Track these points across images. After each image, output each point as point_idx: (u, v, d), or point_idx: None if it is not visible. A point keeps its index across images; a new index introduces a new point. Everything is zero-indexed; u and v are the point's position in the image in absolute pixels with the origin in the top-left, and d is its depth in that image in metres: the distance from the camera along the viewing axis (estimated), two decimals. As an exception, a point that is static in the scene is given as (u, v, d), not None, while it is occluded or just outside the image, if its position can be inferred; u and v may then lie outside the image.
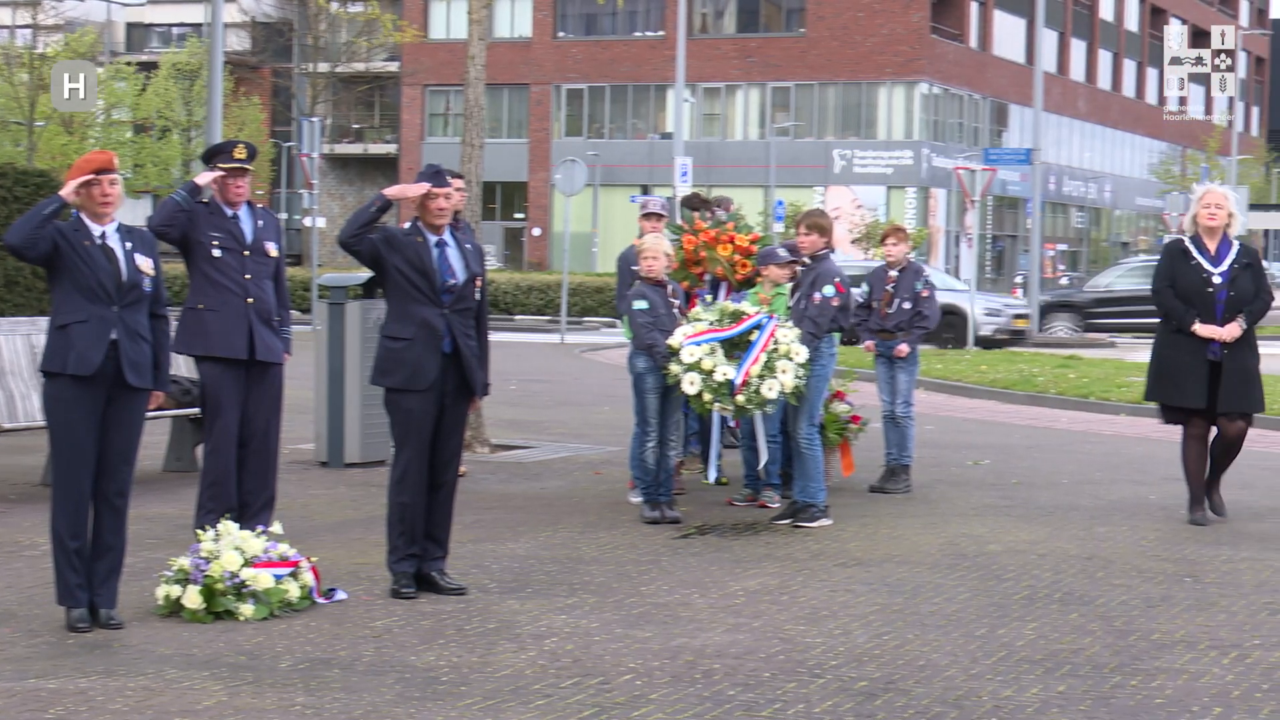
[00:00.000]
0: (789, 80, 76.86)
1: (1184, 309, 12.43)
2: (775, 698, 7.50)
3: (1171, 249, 12.73)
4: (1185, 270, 12.52)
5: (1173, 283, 12.55)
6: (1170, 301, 12.54)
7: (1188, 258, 12.56)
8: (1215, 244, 12.56)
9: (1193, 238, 12.64)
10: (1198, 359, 12.40)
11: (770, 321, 11.98)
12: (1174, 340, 12.53)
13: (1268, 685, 7.87)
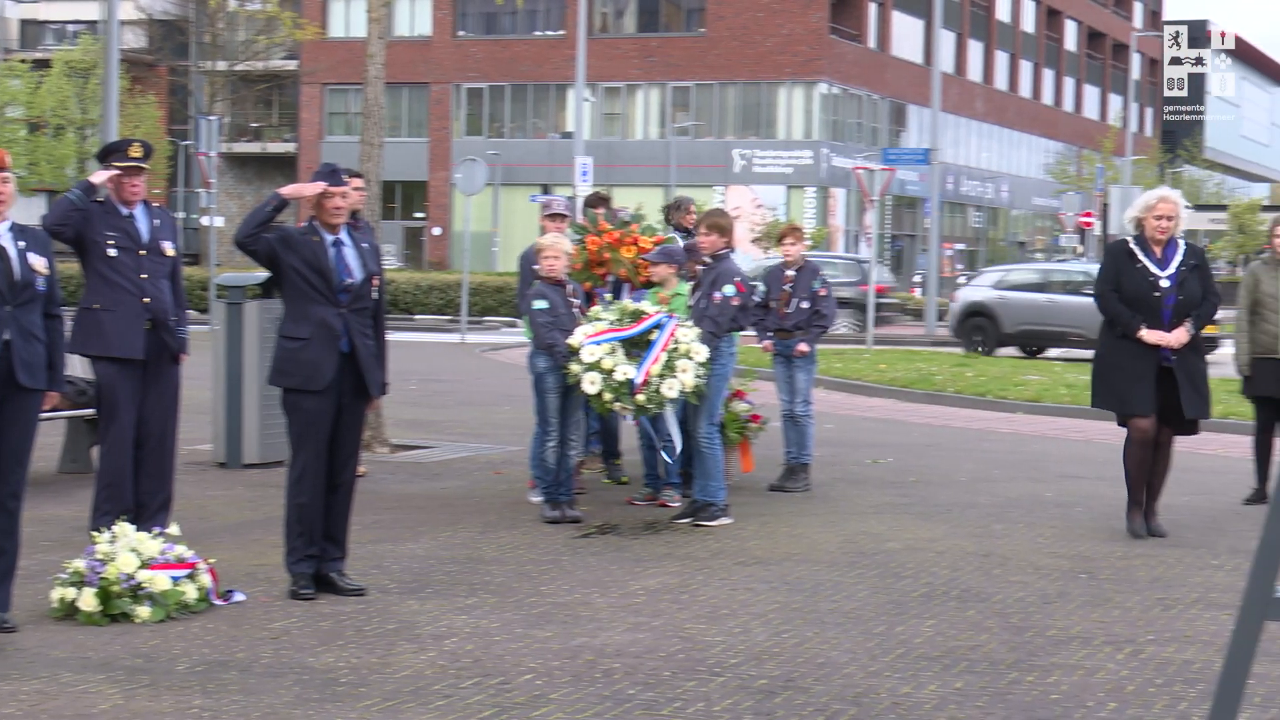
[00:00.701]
0: (689, 80, 76.98)
1: (1129, 314, 11.85)
2: (675, 696, 7.51)
3: (1116, 250, 12.17)
4: (1131, 273, 11.93)
5: (1118, 286, 11.97)
6: (1115, 306, 11.95)
7: (1133, 260, 11.97)
8: (1162, 246, 11.97)
9: (1138, 238, 12.03)
10: (1145, 365, 11.85)
11: (670, 321, 12.00)
12: (1119, 346, 11.96)
13: (1161, 680, 7.95)
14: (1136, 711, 7.38)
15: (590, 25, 69.89)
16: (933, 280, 43.43)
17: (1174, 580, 10.48)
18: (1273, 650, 8.38)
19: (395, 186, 76.63)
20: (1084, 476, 15.53)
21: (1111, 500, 13.93)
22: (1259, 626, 3.82)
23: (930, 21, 60.98)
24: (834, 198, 76.71)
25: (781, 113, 76.79)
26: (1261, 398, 13.69)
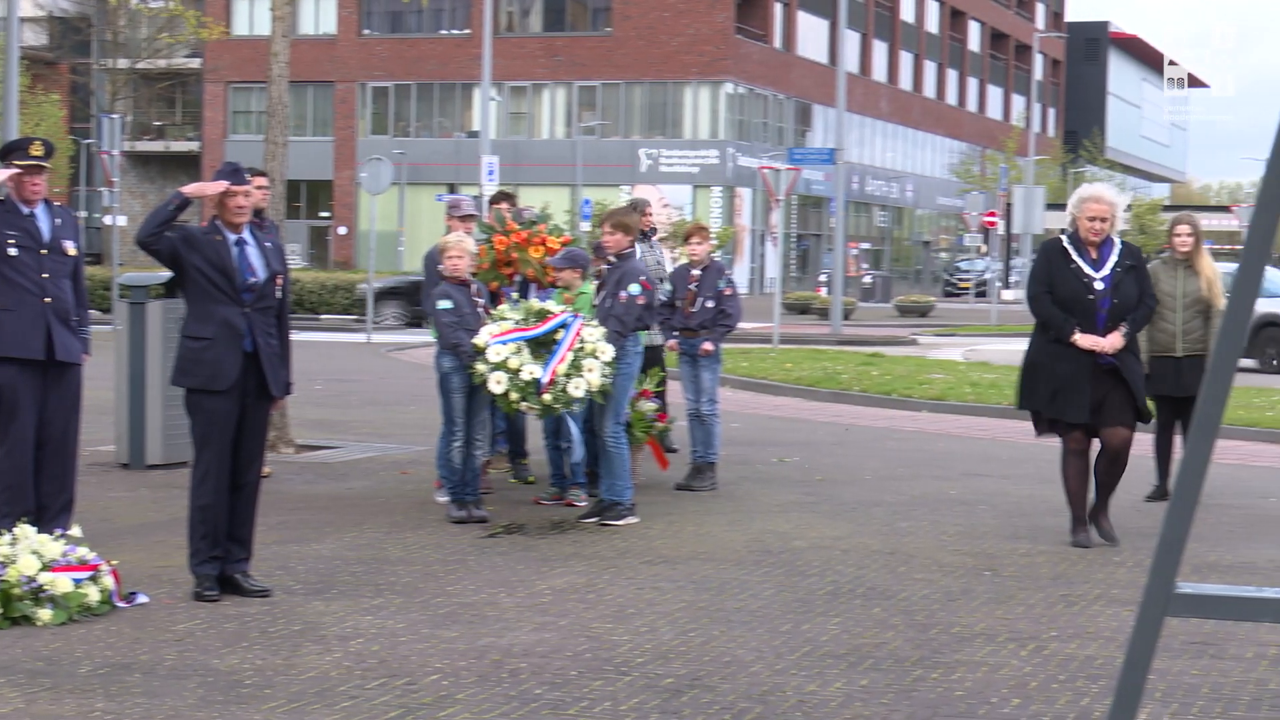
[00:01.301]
0: (595, 79, 77.02)
1: (1063, 318, 11.37)
2: (582, 696, 7.51)
3: (1049, 250, 11.66)
4: (1064, 274, 11.46)
5: (1051, 287, 11.48)
6: (1048, 309, 11.45)
7: (1067, 260, 11.51)
8: (1097, 245, 11.52)
9: (1072, 237, 11.59)
10: (1079, 370, 11.36)
11: (575, 320, 12.00)
12: (1052, 350, 11.46)
13: (1064, 676, 8.01)
14: (1040, 707, 7.43)
15: (496, 24, 69.79)
16: (838, 279, 43.61)
17: (1076, 577, 10.57)
18: (1173, 646, 8.47)
19: (300, 185, 76.27)
20: (988, 474, 15.64)
21: (1015, 498, 14.05)
22: (1159, 622, 3.85)
23: (835, 22, 61.23)
24: (740, 197, 76.96)
25: (687, 112, 76.95)
26: (1161, 396, 13.81)
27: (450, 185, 71.33)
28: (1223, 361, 3.80)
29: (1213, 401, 3.78)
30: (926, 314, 56.37)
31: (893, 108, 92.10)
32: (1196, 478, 3.82)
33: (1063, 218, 43.03)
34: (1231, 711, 7.41)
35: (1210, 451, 3.84)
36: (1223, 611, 3.94)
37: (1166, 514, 3.86)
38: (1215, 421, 3.80)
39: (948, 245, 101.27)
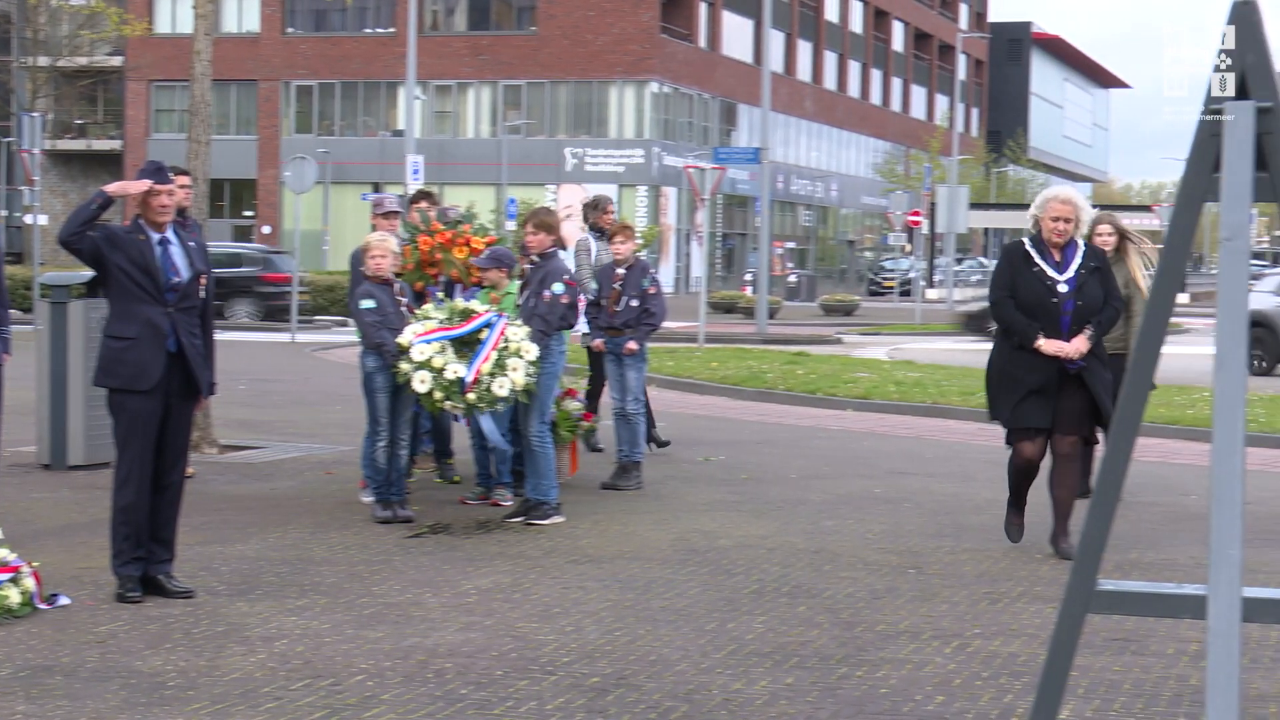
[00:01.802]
0: (520, 78, 76.92)
1: (1026, 323, 11.01)
2: (507, 695, 7.50)
3: (1011, 252, 11.28)
4: (1027, 277, 11.08)
5: (1013, 292, 11.12)
6: (1011, 314, 11.10)
7: (1029, 263, 11.11)
8: (1060, 248, 11.11)
9: (1035, 240, 11.17)
10: (1043, 376, 11.00)
11: (500, 320, 11.99)
12: (1016, 356, 11.11)
13: (987, 673, 8.06)
14: (963, 704, 7.47)
15: (421, 23, 69.63)
16: (763, 278, 43.70)
17: (1000, 575, 10.63)
18: (1095, 643, 8.53)
19: (224, 184, 75.90)
20: (913, 473, 15.70)
21: (940, 496, 14.11)
22: (1081, 619, 3.89)
23: (760, 21, 61.38)
24: (665, 196, 77.01)
25: (613, 112, 76.95)
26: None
27: (375, 184, 71.12)
28: (1142, 360, 3.83)
29: (1132, 400, 3.82)
30: (851, 313, 56.54)
31: (817, 107, 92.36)
32: (1117, 476, 3.85)
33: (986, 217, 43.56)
34: (1153, 708, 7.47)
35: (1130, 450, 3.87)
36: (1144, 608, 3.98)
37: (1087, 512, 3.89)
38: (1135, 420, 3.84)
39: (872, 244, 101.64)
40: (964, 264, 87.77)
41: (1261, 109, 3.66)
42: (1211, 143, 3.71)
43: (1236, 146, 3.64)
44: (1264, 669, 8.19)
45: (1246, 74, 3.66)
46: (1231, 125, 3.64)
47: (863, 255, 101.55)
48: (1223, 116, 3.67)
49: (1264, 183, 3.72)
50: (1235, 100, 3.66)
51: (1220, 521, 3.61)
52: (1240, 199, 3.65)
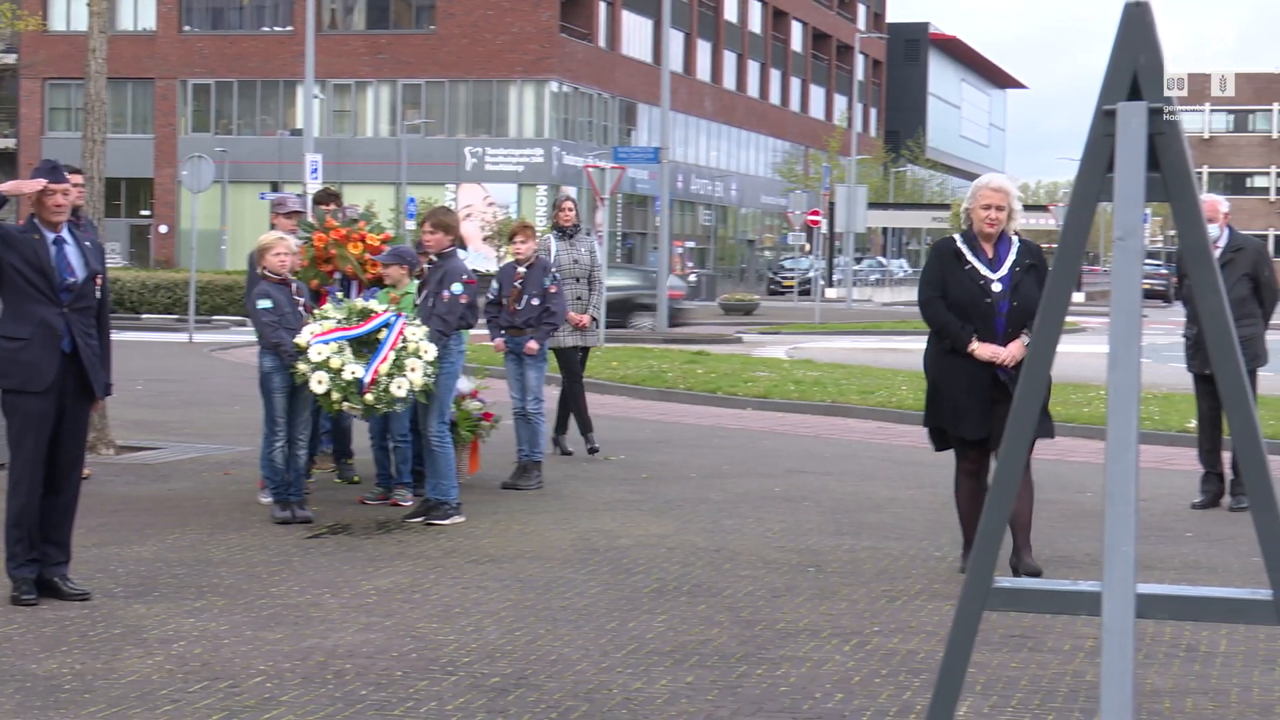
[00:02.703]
0: (420, 78, 76.68)
1: (959, 325, 10.24)
2: (407, 696, 7.48)
3: (941, 250, 10.53)
4: (958, 276, 10.31)
5: (944, 291, 10.36)
6: (942, 316, 10.33)
7: (961, 260, 10.33)
8: (993, 243, 10.33)
9: (967, 236, 10.40)
10: (977, 382, 10.20)
11: (398, 320, 11.95)
12: (948, 361, 10.35)
13: (886, 670, 8.11)
14: (862, 702, 7.51)
15: (319, 22, 69.33)
16: (663, 278, 43.75)
17: (899, 573, 10.69)
18: (993, 639, 8.60)
19: (120, 183, 75.21)
20: (812, 471, 15.77)
21: (839, 494, 14.18)
22: (978, 616, 3.92)
23: (659, 21, 61.40)
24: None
25: (513, 111, 76.84)
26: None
27: (274, 184, 70.74)
28: (1038, 358, 3.87)
29: (1028, 397, 3.85)
30: (751, 312, 56.73)
31: (717, 107, 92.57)
32: (1013, 473, 3.89)
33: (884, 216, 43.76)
34: (1049, 703, 7.54)
35: (1027, 446, 3.90)
36: (1040, 605, 4.01)
37: (984, 510, 3.92)
38: (1031, 417, 3.87)
39: (772, 244, 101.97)
40: (863, 263, 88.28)
41: (1154, 109, 3.70)
42: (1105, 143, 3.74)
43: (1129, 147, 3.68)
44: (1159, 665, 8.28)
45: (1139, 75, 3.70)
46: (1124, 126, 3.68)
47: (762, 255, 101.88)
48: (1116, 117, 3.71)
49: (1156, 183, 3.76)
50: (1128, 101, 3.70)
51: (1114, 518, 3.65)
52: (1133, 199, 3.69)
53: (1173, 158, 3.73)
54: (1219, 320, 3.75)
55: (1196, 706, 7.54)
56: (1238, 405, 3.75)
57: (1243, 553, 11.55)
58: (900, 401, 21.78)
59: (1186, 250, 3.79)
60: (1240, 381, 3.74)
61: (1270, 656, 8.41)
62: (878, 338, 44.85)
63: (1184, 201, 3.75)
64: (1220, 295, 3.76)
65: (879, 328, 49.20)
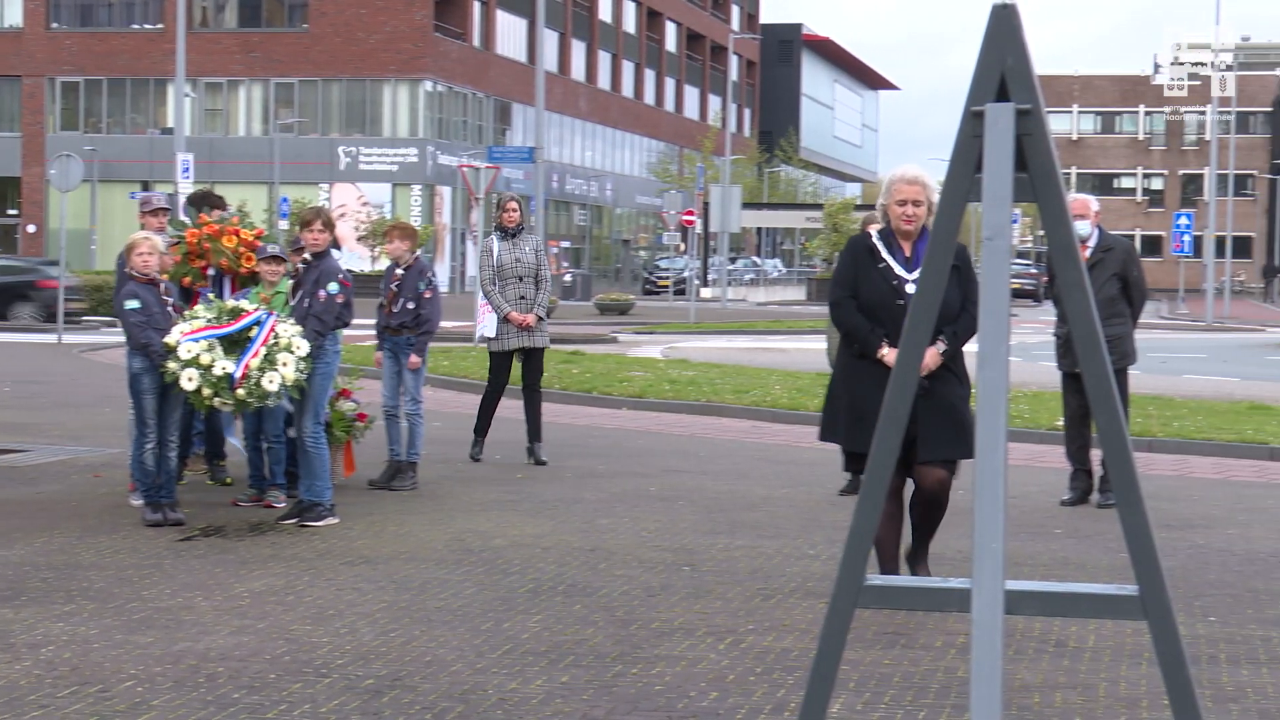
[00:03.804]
0: (293, 76, 76.24)
1: (869, 328, 9.44)
2: (281, 699, 7.43)
3: (855, 246, 9.73)
4: (871, 275, 9.56)
5: (855, 292, 9.61)
6: (851, 318, 9.55)
7: (875, 258, 9.58)
8: (912, 241, 9.57)
9: (883, 233, 9.61)
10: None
11: (270, 318, 11.87)
12: (857, 368, 9.57)
13: (761, 668, 8.14)
14: (737, 700, 7.54)
15: (190, 19, 68.71)
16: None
17: (773, 571, 10.74)
18: (866, 637, 8.66)
19: (-14, 182, 74.23)
20: (687, 470, 15.81)
21: (714, 494, 14.22)
22: (850, 614, 3.94)
23: (534, 21, 61.44)
24: (440, 196, 76.78)
25: (387, 110, 76.57)
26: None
27: (144, 183, 70.03)
28: (908, 356, 3.90)
29: (899, 395, 3.88)
30: (626, 312, 56.79)
31: (591, 107, 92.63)
32: (884, 471, 3.92)
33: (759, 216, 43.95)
34: (921, 699, 7.60)
35: (898, 445, 3.94)
36: (911, 602, 4.04)
37: (856, 508, 3.95)
38: (903, 415, 3.90)
39: (647, 244, 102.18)
40: (737, 263, 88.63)
41: (1021, 111, 3.74)
42: (973, 144, 3.78)
43: (997, 148, 3.72)
44: (1028, 660, 8.37)
45: (1006, 76, 3.74)
46: (992, 127, 3.72)
47: (637, 254, 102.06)
48: (984, 118, 3.75)
49: (1024, 183, 3.80)
50: (996, 102, 3.74)
51: (983, 516, 3.68)
52: (1001, 199, 3.73)
53: (1039, 158, 3.77)
54: (1086, 320, 3.79)
55: (1065, 701, 7.63)
56: (1104, 404, 3.79)
57: (1111, 549, 11.70)
58: (775, 401, 21.88)
59: (1054, 250, 3.84)
60: (1107, 380, 3.79)
61: (1137, 651, 8.53)
62: (752, 337, 45.04)
63: (1051, 201, 3.79)
64: (1087, 295, 3.81)
65: (754, 327, 49.41)
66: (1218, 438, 18.45)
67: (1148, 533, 3.79)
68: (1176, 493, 14.83)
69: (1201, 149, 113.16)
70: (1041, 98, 3.79)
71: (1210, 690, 7.81)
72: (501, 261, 15.89)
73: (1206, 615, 9.55)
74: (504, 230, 16.09)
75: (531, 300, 16.01)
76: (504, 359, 16.13)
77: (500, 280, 15.87)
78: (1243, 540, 12.31)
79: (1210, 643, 8.85)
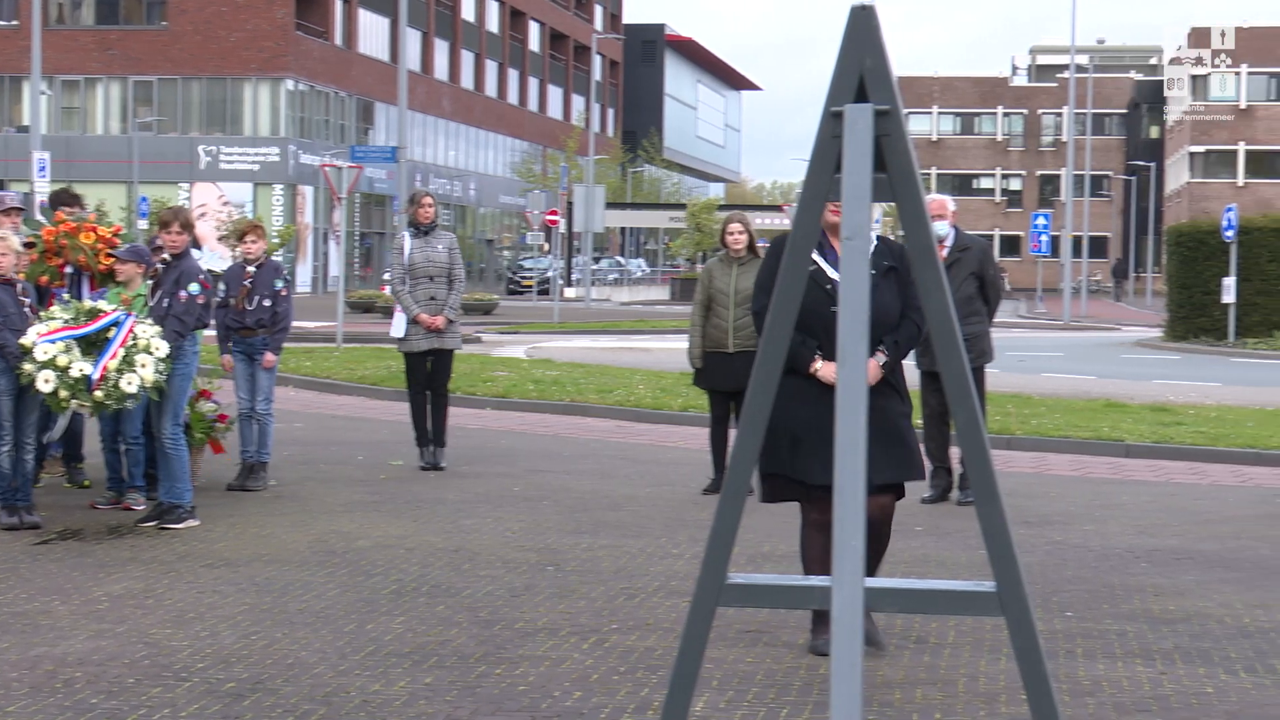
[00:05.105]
0: (151, 74, 75.48)
1: (798, 340, 8.14)
2: (140, 704, 7.35)
3: (782, 247, 8.14)
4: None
5: None
6: None
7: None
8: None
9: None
10: (820, 412, 7.96)
11: (128, 319, 11.74)
12: (787, 386, 7.27)
13: (624, 667, 8.15)
14: (601, 699, 7.55)
15: (46, 16, 67.81)
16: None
17: (637, 570, 10.76)
18: (729, 635, 8.70)
19: None
20: (551, 470, 15.80)
21: (578, 493, 14.23)
22: (711, 613, 3.96)
23: (396, 19, 61.08)
24: (302, 195, 76.28)
25: (248, 109, 75.96)
26: (716, 390, 14.16)
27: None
28: (769, 355, 3.92)
29: (759, 394, 3.90)
30: (490, 312, 56.60)
31: (455, 107, 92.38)
32: (745, 470, 3.93)
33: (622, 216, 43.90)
34: (784, 697, 7.64)
35: (759, 443, 3.95)
36: (772, 600, 4.06)
37: (717, 507, 3.96)
38: (763, 414, 3.92)
39: (511, 244, 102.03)
40: (601, 263, 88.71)
41: (880, 111, 3.77)
42: (833, 144, 3.80)
43: (856, 148, 3.74)
44: (890, 656, 8.44)
45: (865, 77, 3.77)
46: (851, 127, 3.74)
47: (501, 254, 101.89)
48: (843, 119, 3.77)
49: (883, 183, 3.83)
50: (855, 103, 3.77)
51: (843, 514, 3.71)
52: (860, 199, 3.75)
53: (898, 159, 3.80)
54: (943, 319, 3.83)
55: (925, 696, 7.71)
56: (962, 402, 3.83)
57: (971, 546, 11.82)
58: (639, 400, 21.92)
59: (912, 250, 3.87)
60: (964, 379, 3.83)
61: (995, 646, 8.62)
62: (616, 337, 45.08)
63: (909, 201, 3.82)
64: (945, 294, 3.84)
65: (617, 327, 49.47)
66: (1075, 435, 18.69)
67: (1005, 530, 3.83)
68: (1035, 490, 15.01)
69: (1058, 150, 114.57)
70: (900, 99, 3.82)
71: (1067, 684, 7.92)
72: (413, 260, 15.60)
73: (1064, 610, 9.68)
74: (417, 226, 15.79)
75: (442, 301, 15.69)
76: (417, 360, 15.85)
77: (411, 279, 15.60)
78: (1099, 536, 12.49)
79: (1067, 637, 8.97)
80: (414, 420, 15.96)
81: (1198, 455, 17.86)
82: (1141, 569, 11.15)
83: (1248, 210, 52.55)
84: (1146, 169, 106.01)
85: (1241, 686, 8.01)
